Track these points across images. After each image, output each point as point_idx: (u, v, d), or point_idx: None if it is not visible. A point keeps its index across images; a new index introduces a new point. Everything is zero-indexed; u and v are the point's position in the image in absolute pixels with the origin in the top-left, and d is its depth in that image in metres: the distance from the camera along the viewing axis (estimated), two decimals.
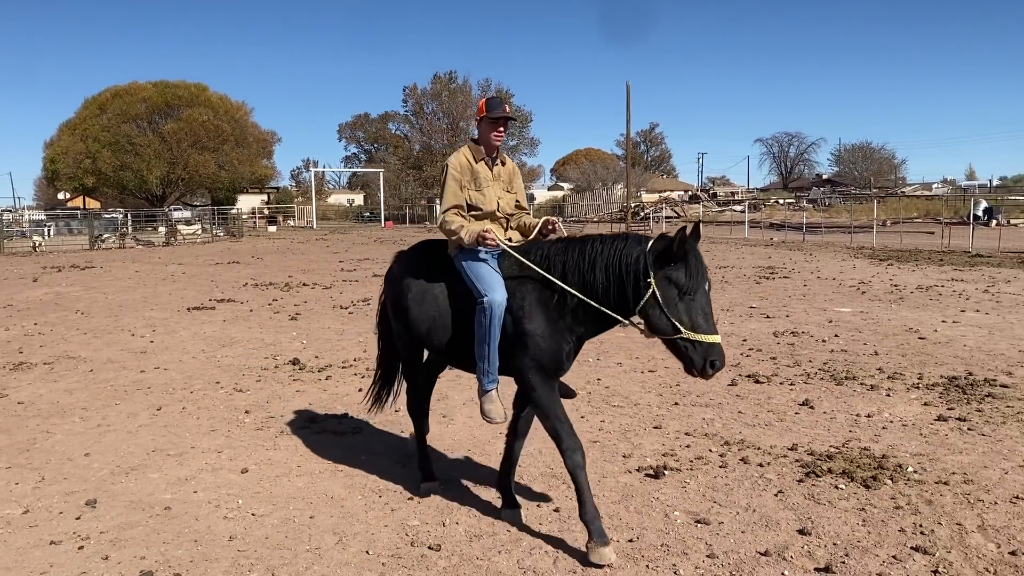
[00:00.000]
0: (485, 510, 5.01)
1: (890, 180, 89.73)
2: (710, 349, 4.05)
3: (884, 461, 5.73)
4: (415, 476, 5.50)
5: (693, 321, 4.08)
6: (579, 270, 4.42)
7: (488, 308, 4.50)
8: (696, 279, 4.09)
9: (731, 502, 5.10)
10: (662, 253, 4.15)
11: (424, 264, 5.09)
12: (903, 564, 4.21)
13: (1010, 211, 47.38)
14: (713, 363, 4.05)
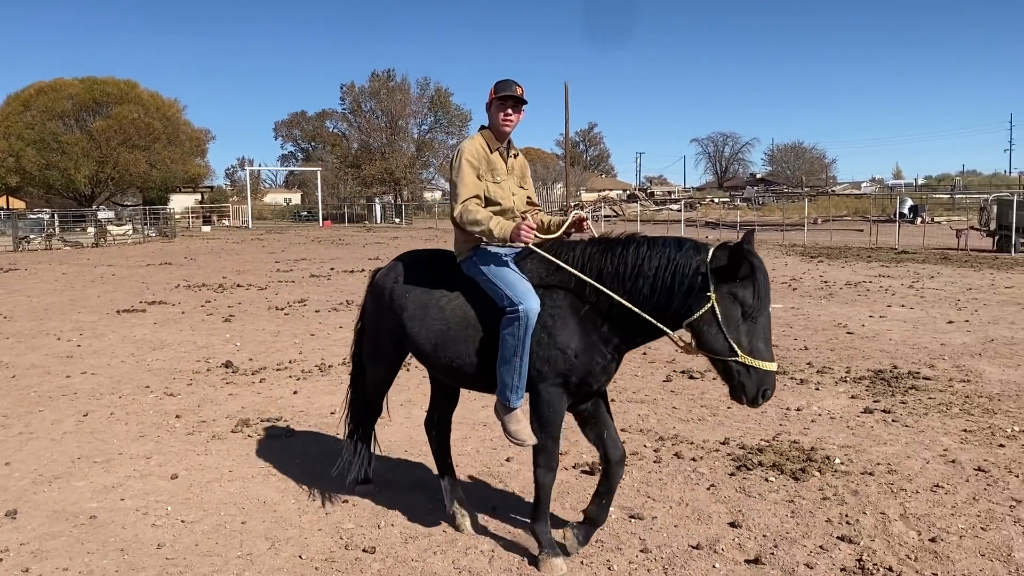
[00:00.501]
0: (421, 511, 4.98)
1: (821, 179, 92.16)
2: (765, 377, 3.70)
3: (813, 453, 5.88)
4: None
5: (753, 345, 3.70)
6: (620, 277, 3.97)
7: (523, 317, 4.02)
8: (763, 300, 3.71)
9: (664, 496, 5.18)
10: (727, 267, 3.74)
11: (417, 276, 4.62)
12: (829, 554, 4.33)
13: (934, 209, 49.17)
14: (765, 392, 3.73)
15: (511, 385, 4.14)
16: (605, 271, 4.02)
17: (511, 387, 4.14)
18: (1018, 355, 9.40)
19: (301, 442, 6.44)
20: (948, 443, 6.14)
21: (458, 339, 4.32)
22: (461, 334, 4.32)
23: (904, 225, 34.72)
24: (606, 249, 4.09)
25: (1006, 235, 25.49)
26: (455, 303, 4.38)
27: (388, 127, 68.20)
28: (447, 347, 4.36)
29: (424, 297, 4.50)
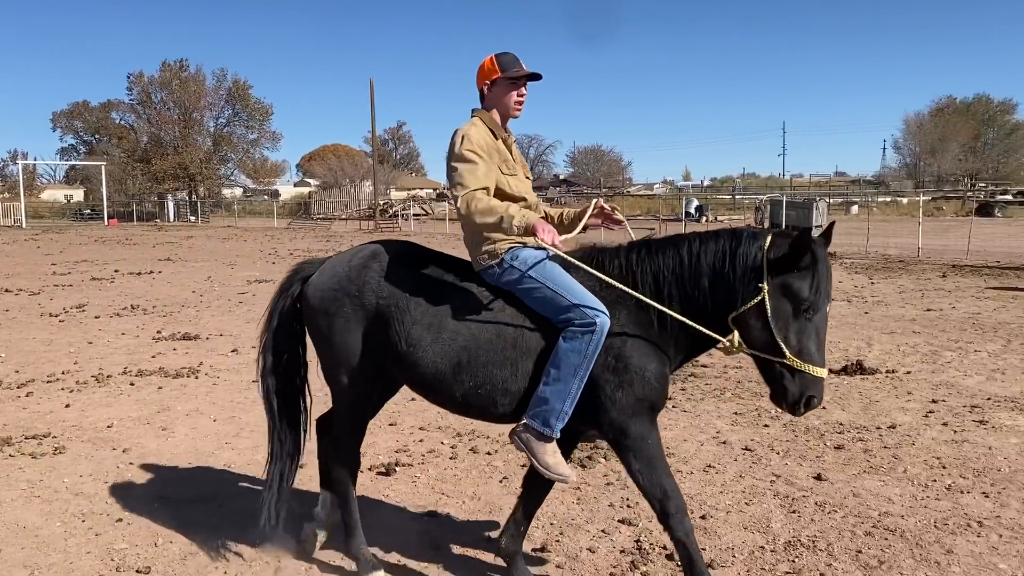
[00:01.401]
0: (203, 527, 4.73)
1: (619, 180, 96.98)
2: (812, 384, 3.32)
3: (599, 441, 6.15)
4: (128, 494, 5.09)
5: (803, 346, 3.32)
6: (680, 281, 3.52)
7: (599, 330, 3.42)
8: (821, 295, 3.33)
9: (459, 492, 5.23)
10: (786, 256, 3.34)
11: (418, 274, 3.78)
12: (610, 537, 4.54)
13: (717, 208, 53.13)
14: (810, 400, 3.34)
15: (558, 411, 3.49)
16: (662, 275, 3.55)
17: (557, 413, 3.49)
18: None
19: (71, 459, 5.93)
20: (720, 426, 6.63)
21: (490, 361, 3.58)
22: (495, 355, 3.58)
23: (691, 223, 37.24)
24: (656, 250, 3.61)
25: None
26: (483, 315, 3.64)
27: (181, 120, 64.48)
28: (474, 370, 3.59)
29: (437, 304, 3.68)
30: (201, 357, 9.42)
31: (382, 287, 3.75)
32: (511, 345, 3.58)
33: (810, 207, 28.07)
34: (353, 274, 3.84)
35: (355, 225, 48.58)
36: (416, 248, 3.96)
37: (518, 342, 3.58)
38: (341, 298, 3.83)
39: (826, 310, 3.38)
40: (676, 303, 3.51)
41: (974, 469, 5.56)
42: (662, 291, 3.53)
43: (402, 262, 3.84)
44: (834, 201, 54.87)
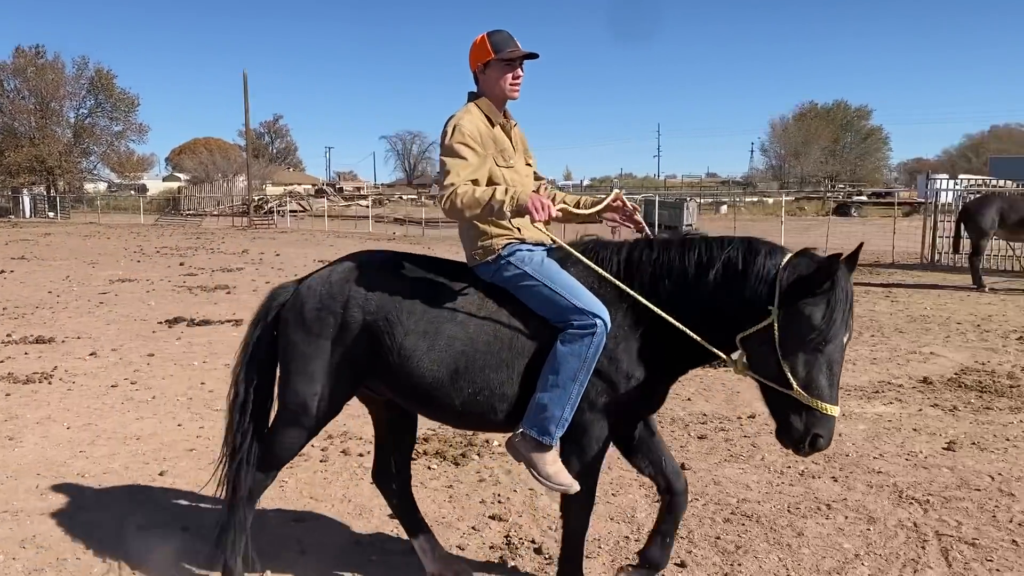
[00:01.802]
0: (51, 540, 4.45)
1: None
2: (819, 422, 3.04)
3: (473, 438, 6.17)
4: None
5: (812, 379, 3.05)
6: (682, 288, 3.31)
7: (599, 333, 3.25)
8: (837, 325, 3.06)
9: (328, 496, 5.14)
10: (803, 279, 3.10)
11: (403, 282, 3.56)
12: (480, 533, 4.57)
13: None
14: (816, 441, 3.07)
15: (557, 418, 3.30)
16: (660, 276, 3.34)
17: (556, 420, 3.31)
18: None
19: None
20: None
21: (487, 364, 3.39)
22: (492, 358, 3.39)
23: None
24: (661, 248, 3.40)
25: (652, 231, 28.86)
26: (479, 317, 3.44)
27: (38, 110, 60.52)
28: (473, 375, 3.39)
29: (429, 310, 3.47)
30: (56, 361, 8.88)
31: (369, 300, 3.51)
32: (507, 347, 3.39)
33: (681, 206, 29.17)
34: (335, 290, 3.58)
35: (228, 222, 46.99)
36: (400, 255, 3.71)
37: (514, 343, 3.39)
38: (324, 317, 3.55)
39: (843, 341, 3.11)
40: (675, 309, 3.28)
41: (825, 455, 5.89)
42: (660, 295, 3.32)
43: (388, 271, 3.61)
44: (705, 201, 57.12)
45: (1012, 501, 4.99)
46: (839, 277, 3.06)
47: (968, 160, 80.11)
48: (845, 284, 3.09)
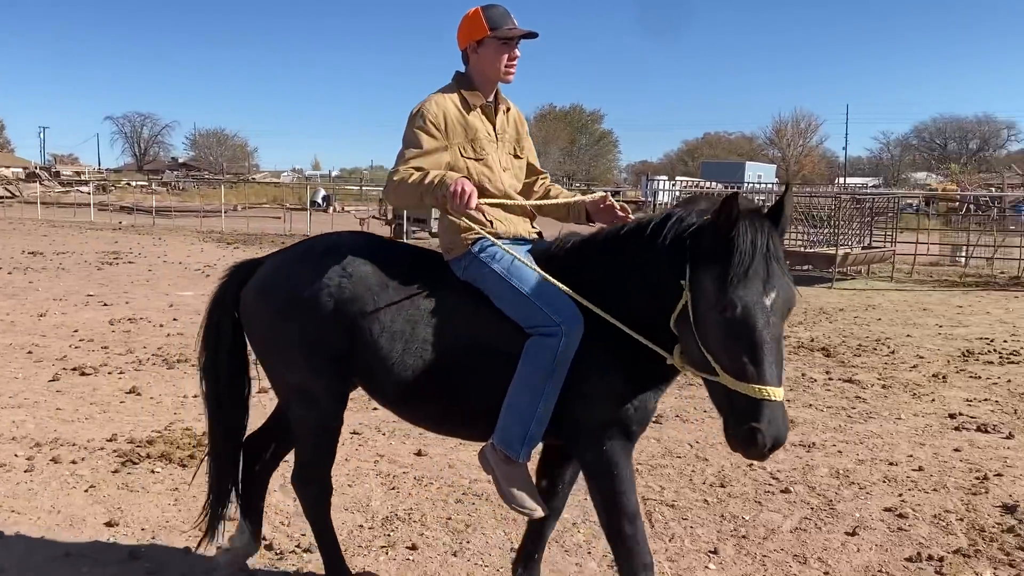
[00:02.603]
0: None
1: (244, 166, 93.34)
2: (753, 410, 2.46)
3: (203, 439, 5.88)
4: None
5: (730, 357, 2.53)
6: (616, 280, 2.95)
7: (562, 343, 2.90)
8: (744, 285, 2.50)
9: (33, 507, 4.68)
10: (702, 236, 2.65)
11: (386, 270, 3.20)
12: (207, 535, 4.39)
13: (345, 198, 53.65)
14: (752, 436, 2.45)
15: (521, 434, 2.97)
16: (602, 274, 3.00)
17: (521, 436, 2.98)
18: None
19: None
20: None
21: (465, 369, 3.08)
22: (470, 362, 3.08)
23: (317, 213, 37.14)
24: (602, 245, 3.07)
25: (400, 223, 29.01)
26: (456, 317, 3.13)
27: None
28: (449, 380, 3.12)
29: (407, 307, 3.13)
30: None
31: (343, 290, 3.16)
32: (483, 351, 3.07)
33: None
34: (305, 276, 3.22)
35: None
36: (378, 240, 3.37)
37: (490, 348, 3.06)
38: (292, 306, 3.21)
39: (766, 303, 2.51)
40: (619, 306, 2.92)
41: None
42: (604, 292, 2.96)
43: (365, 257, 3.23)
44: None
45: (706, 465, 5.64)
46: (739, 223, 2.55)
47: (685, 163, 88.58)
48: (750, 233, 2.53)
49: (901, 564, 4.17)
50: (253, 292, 3.40)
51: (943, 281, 17.88)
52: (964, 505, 4.91)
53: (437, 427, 3.44)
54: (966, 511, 4.82)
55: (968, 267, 19.72)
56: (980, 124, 79.67)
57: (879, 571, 4.10)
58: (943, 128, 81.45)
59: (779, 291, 2.54)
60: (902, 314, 12.90)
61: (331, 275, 3.19)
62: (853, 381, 7.95)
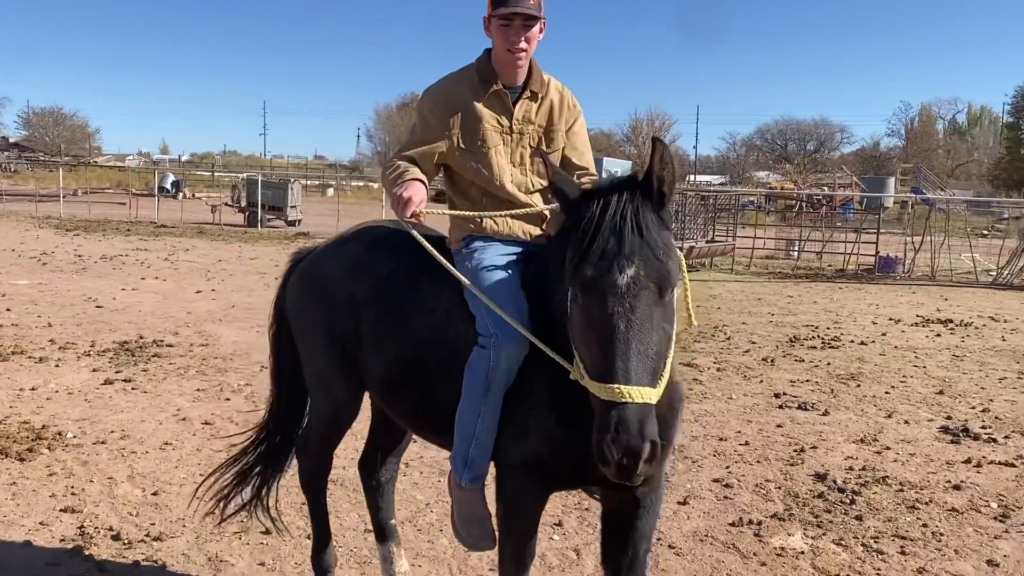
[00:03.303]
0: None
1: (84, 149, 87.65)
2: (604, 415, 2.04)
3: (44, 431, 5.68)
4: None
5: (586, 352, 2.19)
6: (547, 281, 2.62)
7: (493, 358, 2.61)
8: (588, 258, 2.16)
9: None
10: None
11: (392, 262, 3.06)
12: (50, 528, 4.27)
13: (195, 185, 51.47)
14: (601, 449, 2.03)
15: (464, 454, 2.73)
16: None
17: (464, 457, 2.74)
18: (252, 319, 10.55)
19: None
20: (182, 403, 6.59)
21: (436, 373, 2.86)
22: (438, 365, 2.84)
23: (166, 200, 35.49)
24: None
25: (254, 211, 28.22)
26: (436, 315, 2.91)
27: None
28: (420, 382, 2.91)
29: (401, 300, 2.99)
30: None
31: (352, 279, 3.14)
32: (453, 355, 2.80)
33: (285, 187, 28.91)
34: (327, 264, 3.29)
35: None
36: (405, 232, 2.95)
37: (458, 352, 2.78)
38: (311, 291, 3.29)
39: (617, 282, 2.11)
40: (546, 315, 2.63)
41: None
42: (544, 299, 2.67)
43: (383, 249, 3.14)
44: (312, 183, 57.15)
45: None
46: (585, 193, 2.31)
47: None
48: (598, 201, 2.23)
49: (725, 528, 4.59)
50: (293, 277, 3.49)
51: (777, 273, 19.26)
52: (782, 475, 5.42)
53: (416, 431, 3.30)
54: (784, 480, 5.33)
55: (799, 260, 21.25)
56: (817, 127, 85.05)
57: (706, 535, 4.50)
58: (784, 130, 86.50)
59: (641, 267, 2.12)
60: (739, 303, 13.84)
61: (347, 264, 3.22)
62: (692, 365, 8.51)
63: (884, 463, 5.68)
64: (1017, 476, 5.48)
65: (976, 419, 6.84)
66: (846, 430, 6.44)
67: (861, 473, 5.45)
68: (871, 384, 8.03)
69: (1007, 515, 4.83)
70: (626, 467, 1.97)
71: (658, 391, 2.09)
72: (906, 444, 6.13)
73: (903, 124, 79.46)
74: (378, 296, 3.07)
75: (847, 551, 4.33)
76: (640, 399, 2.01)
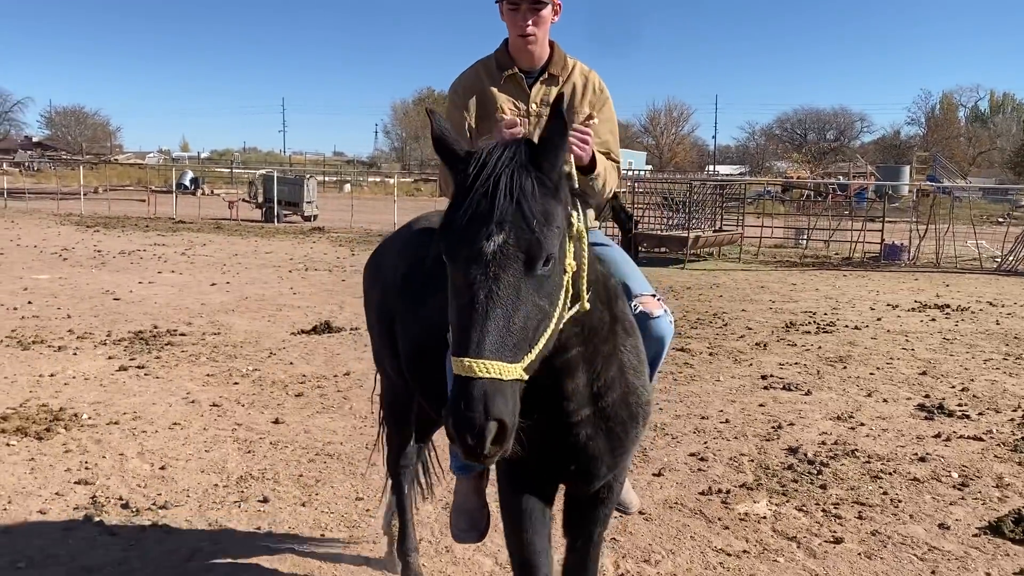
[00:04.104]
0: None
1: (106, 147, 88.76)
2: (454, 388, 1.89)
3: (61, 413, 6.04)
4: None
5: (449, 320, 2.06)
6: None
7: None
8: (452, 223, 2.00)
9: None
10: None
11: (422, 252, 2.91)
12: (65, 498, 4.63)
13: (214, 181, 52.15)
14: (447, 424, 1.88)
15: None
16: None
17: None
18: (264, 309, 10.93)
19: None
20: (191, 387, 6.95)
21: (435, 359, 2.78)
22: (438, 352, 2.73)
23: (184, 196, 36.07)
24: None
25: (270, 207, 28.66)
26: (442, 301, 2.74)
27: None
28: (426, 367, 2.90)
29: (424, 285, 2.98)
30: None
31: (398, 261, 3.26)
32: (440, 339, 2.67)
33: (301, 183, 29.33)
34: (385, 248, 3.50)
35: None
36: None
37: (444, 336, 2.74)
38: (372, 275, 3.52)
39: (486, 249, 1.93)
40: None
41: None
42: None
43: (426, 232, 3.14)
44: (330, 180, 57.67)
45: None
46: (465, 161, 2.07)
47: None
48: (474, 162, 2.03)
49: (695, 497, 4.86)
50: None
51: (784, 261, 19.41)
52: (757, 449, 5.68)
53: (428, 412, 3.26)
54: (757, 454, 5.59)
55: (807, 249, 21.37)
56: (837, 115, 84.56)
57: (676, 503, 4.78)
58: (803, 119, 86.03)
59: (510, 235, 1.93)
60: (741, 291, 14.05)
61: (397, 248, 3.37)
62: (685, 350, 8.76)
63: (857, 438, 5.93)
64: (983, 449, 5.72)
65: (953, 397, 7.06)
66: (825, 408, 6.69)
67: (833, 447, 5.71)
68: (857, 366, 8.25)
69: (966, 484, 5.07)
70: (471, 446, 1.83)
71: (518, 368, 1.89)
72: (881, 421, 6.37)
73: (924, 112, 78.92)
74: (409, 278, 3.11)
75: (807, 516, 4.60)
76: (489, 374, 1.83)
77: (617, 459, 2.54)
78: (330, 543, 4.23)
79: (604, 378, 2.38)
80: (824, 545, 4.24)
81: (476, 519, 2.97)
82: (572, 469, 2.49)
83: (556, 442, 2.38)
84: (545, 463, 2.43)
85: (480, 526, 2.97)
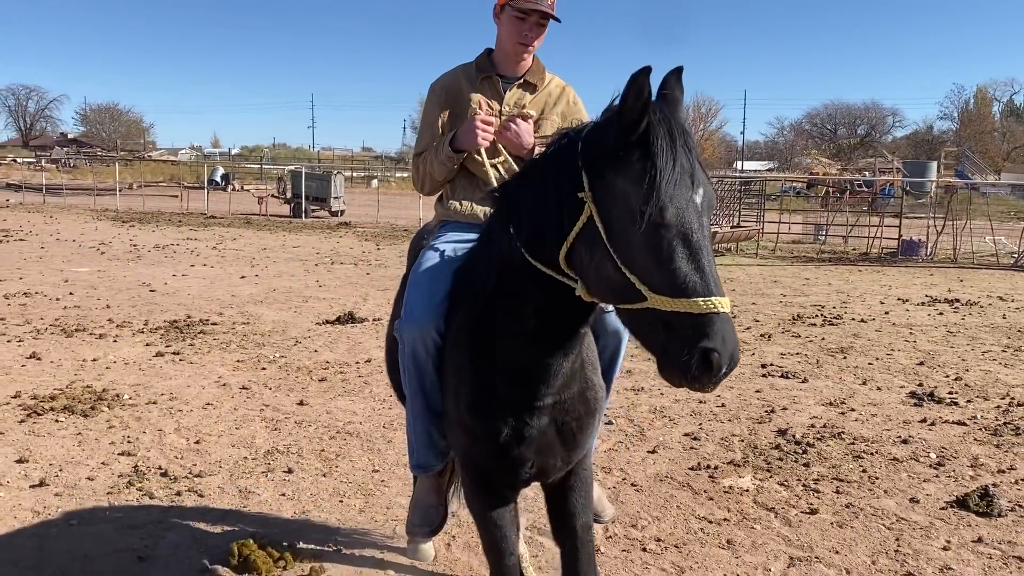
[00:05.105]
0: None
1: (139, 143, 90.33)
2: (704, 326, 1.96)
3: (104, 394, 6.56)
4: None
5: (664, 272, 2.01)
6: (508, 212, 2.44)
7: (399, 338, 2.76)
8: (673, 178, 2.03)
9: None
10: (601, 133, 2.16)
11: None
12: (110, 467, 5.11)
13: (244, 177, 53.11)
14: (709, 357, 1.94)
15: (410, 441, 2.94)
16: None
17: (409, 444, 2.95)
18: (291, 300, 11.45)
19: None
20: (223, 372, 7.44)
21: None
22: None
23: (216, 192, 36.90)
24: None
25: (299, 202, 29.32)
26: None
27: None
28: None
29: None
30: None
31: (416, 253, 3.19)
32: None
33: (328, 179, 29.95)
34: (414, 239, 3.46)
35: None
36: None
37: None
38: (410, 261, 3.27)
39: (697, 202, 2.08)
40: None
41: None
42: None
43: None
44: (358, 175, 58.40)
45: None
46: (653, 112, 2.08)
47: None
48: (664, 119, 2.08)
49: (684, 472, 5.24)
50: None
51: (801, 257, 19.63)
52: (748, 431, 6.05)
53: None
54: (748, 435, 5.96)
55: (826, 244, 21.54)
56: (868, 110, 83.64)
57: (667, 476, 5.16)
58: (833, 114, 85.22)
59: (705, 188, 2.10)
60: (754, 285, 14.34)
61: (419, 239, 3.37)
62: None
63: (845, 422, 6.27)
64: (964, 433, 6.03)
65: (945, 386, 7.35)
66: (819, 395, 7.03)
67: (821, 430, 6.05)
68: (857, 356, 8.56)
69: (942, 463, 5.40)
70: (724, 375, 1.98)
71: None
72: (871, 407, 6.70)
73: (957, 107, 77.96)
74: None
75: (787, 490, 4.96)
76: (728, 309, 2.01)
77: (570, 452, 2.66)
78: (347, 508, 4.67)
79: (572, 368, 2.52)
80: (800, 515, 4.61)
81: (431, 516, 3.10)
82: (529, 460, 2.58)
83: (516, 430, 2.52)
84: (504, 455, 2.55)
85: (434, 523, 3.11)
